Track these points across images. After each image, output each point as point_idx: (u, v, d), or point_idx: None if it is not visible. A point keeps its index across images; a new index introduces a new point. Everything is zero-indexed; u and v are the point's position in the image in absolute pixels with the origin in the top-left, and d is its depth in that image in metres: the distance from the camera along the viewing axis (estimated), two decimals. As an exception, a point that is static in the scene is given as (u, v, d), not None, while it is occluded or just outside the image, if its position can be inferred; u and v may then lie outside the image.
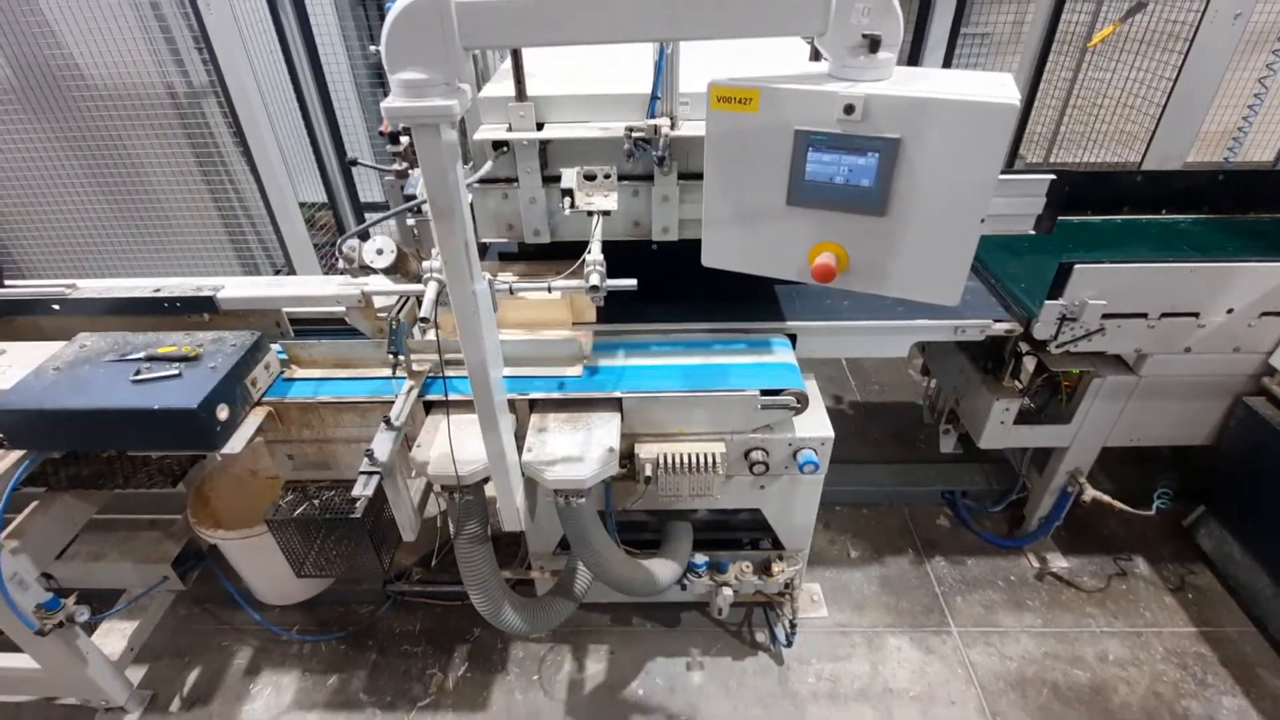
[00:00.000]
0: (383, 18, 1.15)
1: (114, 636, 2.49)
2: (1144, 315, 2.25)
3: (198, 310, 2.16)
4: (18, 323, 2.28)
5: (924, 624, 2.72)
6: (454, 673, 2.59)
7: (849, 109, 1.42)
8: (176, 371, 1.86)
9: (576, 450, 1.91)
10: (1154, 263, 2.16)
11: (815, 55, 1.70)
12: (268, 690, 2.55)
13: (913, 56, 4.22)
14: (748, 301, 2.35)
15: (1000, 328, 2.30)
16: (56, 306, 2.21)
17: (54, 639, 2.08)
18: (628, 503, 2.25)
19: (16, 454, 1.94)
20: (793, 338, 2.28)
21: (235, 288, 2.17)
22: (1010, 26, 4.66)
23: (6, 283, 2.28)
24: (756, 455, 2.12)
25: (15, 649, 2.18)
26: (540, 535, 2.46)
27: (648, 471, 2.05)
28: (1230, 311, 2.24)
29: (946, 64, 4.22)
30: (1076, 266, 2.14)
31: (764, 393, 2.02)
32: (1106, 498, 2.64)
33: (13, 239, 4.03)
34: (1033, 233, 2.02)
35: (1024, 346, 2.46)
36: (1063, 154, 4.54)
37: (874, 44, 1.37)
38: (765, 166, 1.56)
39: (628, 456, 2.11)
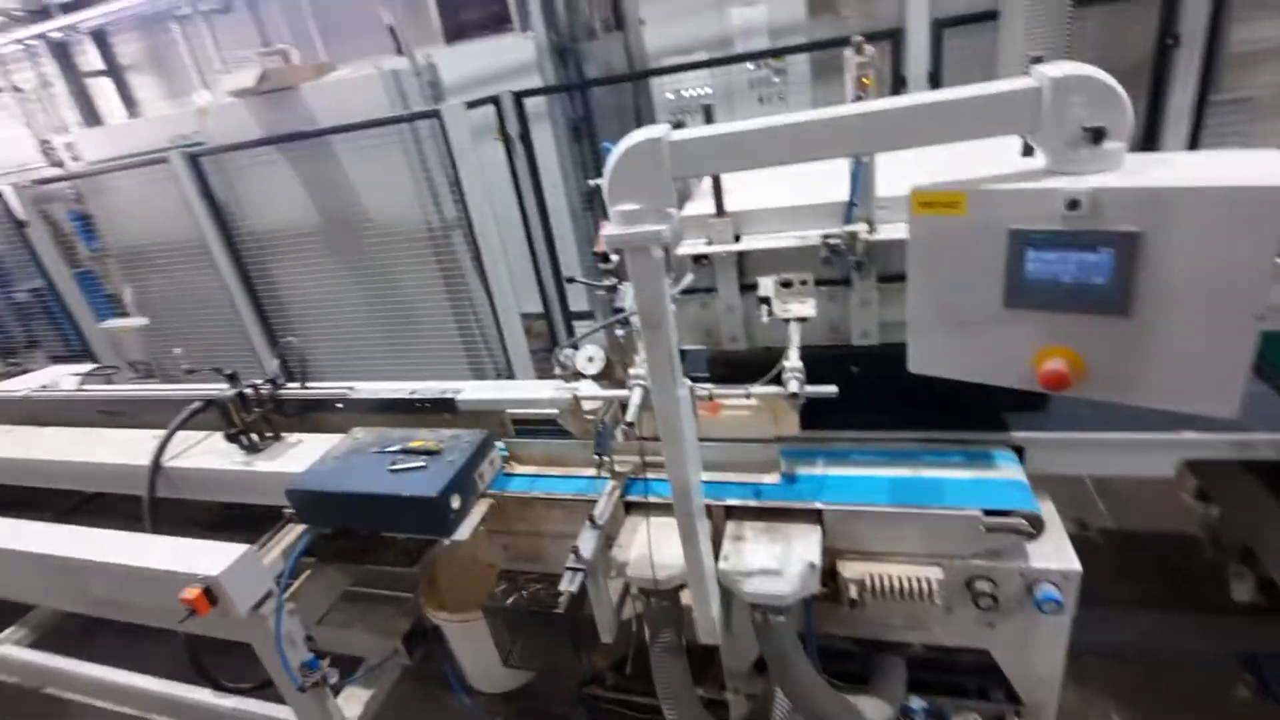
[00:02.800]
0: (595, 152, 1.34)
1: (353, 702, 2.77)
2: None
3: (442, 410, 2.50)
4: (313, 418, 2.82)
5: (1229, 828, 2.10)
6: (642, 790, 2.50)
7: (1073, 204, 1.31)
8: (423, 464, 2.16)
9: (775, 563, 1.84)
10: None
11: (1028, 149, 1.60)
12: (470, 777, 2.66)
13: (1148, 132, 3.80)
14: (963, 408, 2.15)
15: (1305, 444, 1.86)
16: (340, 405, 2.71)
17: (311, 696, 2.38)
18: (830, 627, 2.09)
19: (299, 529, 2.34)
20: (1019, 450, 2.03)
21: (471, 391, 2.49)
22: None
23: (308, 385, 2.84)
24: (981, 585, 1.86)
25: (280, 701, 2.52)
26: (736, 651, 2.34)
27: (853, 593, 1.90)
28: None
29: (1194, 137, 3.75)
30: None
31: (987, 513, 1.80)
32: None
33: (309, 346, 5.10)
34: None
35: (1347, 468, 1.94)
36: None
37: (1097, 135, 1.26)
38: (977, 268, 1.47)
39: (830, 574, 1.97)
